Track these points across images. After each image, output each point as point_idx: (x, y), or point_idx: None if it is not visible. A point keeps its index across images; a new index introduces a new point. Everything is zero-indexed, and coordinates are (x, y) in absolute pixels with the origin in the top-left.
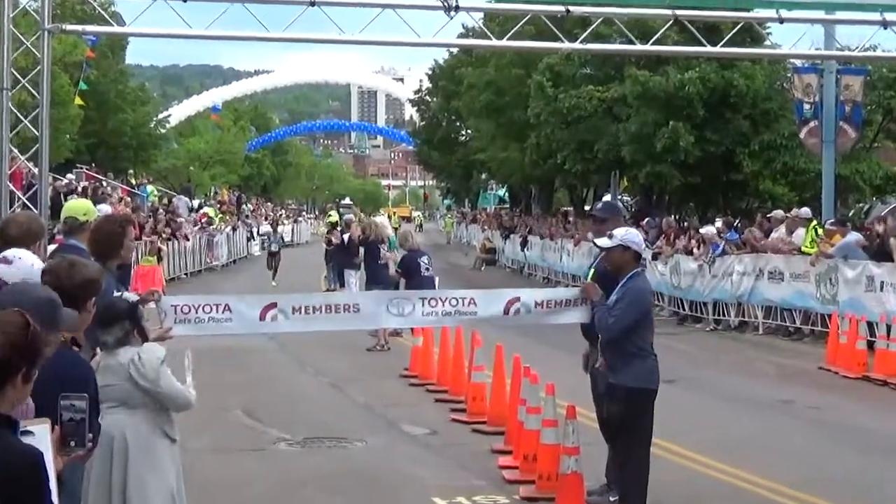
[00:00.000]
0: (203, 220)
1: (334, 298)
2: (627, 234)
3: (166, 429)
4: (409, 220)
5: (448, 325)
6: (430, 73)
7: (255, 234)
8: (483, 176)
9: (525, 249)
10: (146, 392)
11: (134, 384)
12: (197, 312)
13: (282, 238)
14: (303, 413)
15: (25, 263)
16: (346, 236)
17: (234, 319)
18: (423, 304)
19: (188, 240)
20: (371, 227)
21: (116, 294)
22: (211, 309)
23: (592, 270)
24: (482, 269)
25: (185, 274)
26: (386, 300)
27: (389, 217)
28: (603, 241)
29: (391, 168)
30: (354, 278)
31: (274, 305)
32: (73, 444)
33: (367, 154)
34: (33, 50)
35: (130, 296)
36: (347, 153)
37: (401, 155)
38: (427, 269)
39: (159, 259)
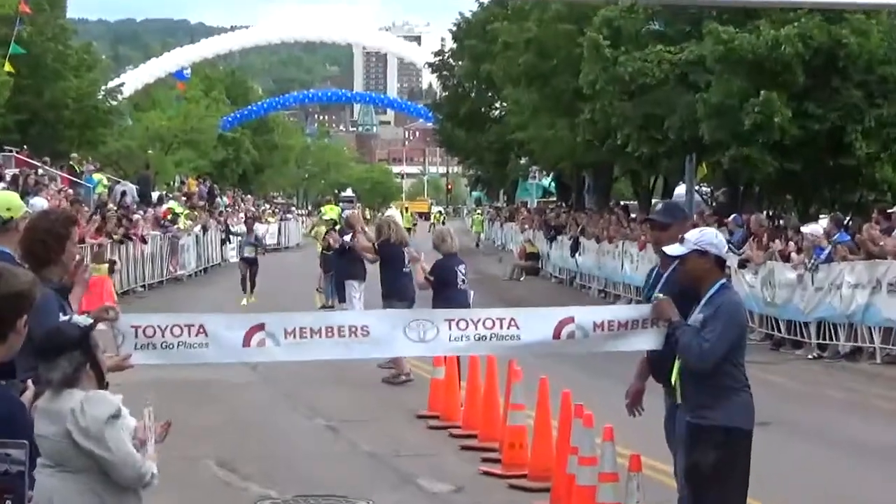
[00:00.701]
0: (165, 218)
1: (338, 319)
2: (703, 236)
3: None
4: (427, 217)
5: (481, 354)
6: (453, 29)
7: (231, 236)
8: (522, 161)
9: (576, 255)
10: (89, 455)
11: (73, 442)
12: (164, 335)
13: (258, 240)
14: (292, 464)
15: None
16: (347, 238)
17: (210, 345)
18: (449, 327)
19: (146, 242)
20: (389, 227)
21: (64, 317)
22: (181, 331)
23: (652, 285)
24: (521, 279)
25: (142, 286)
26: (403, 321)
27: (402, 213)
28: (673, 248)
29: (405, 151)
30: (358, 291)
31: (261, 327)
32: (8, 502)
33: (373, 133)
34: None
35: (81, 319)
36: (349, 132)
37: (417, 134)
38: (463, 282)
39: (111, 269)
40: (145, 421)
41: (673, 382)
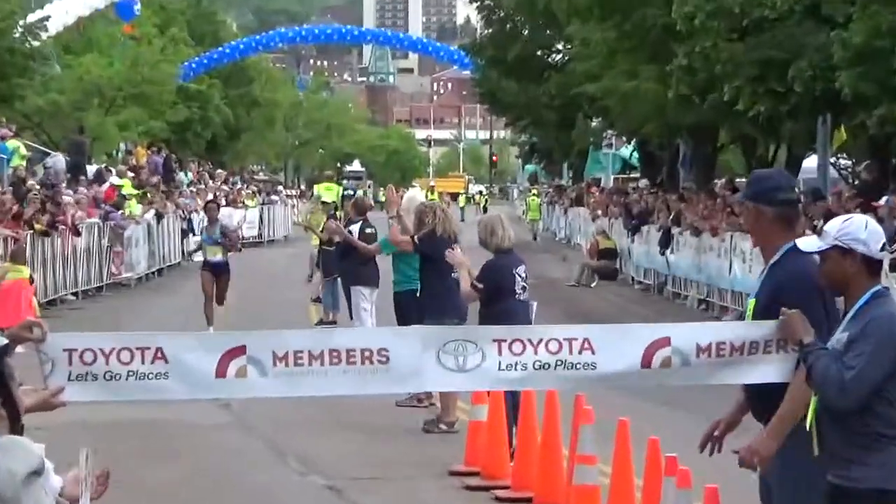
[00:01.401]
0: (108, 202)
1: (345, 339)
2: (848, 228)
3: None
4: (463, 199)
5: (541, 388)
6: None
7: (195, 225)
8: (594, 123)
9: (668, 252)
10: None
11: None
12: (108, 363)
13: (226, 235)
14: None
15: None
16: (355, 227)
17: (171, 375)
18: (499, 351)
19: (79, 234)
20: (434, 214)
21: None
22: (132, 356)
23: (753, 300)
24: (592, 285)
25: (74, 294)
26: (437, 342)
27: (428, 195)
28: (807, 241)
29: (432, 109)
30: (369, 301)
31: (241, 351)
32: None
33: (390, 85)
34: None
35: None
36: (356, 84)
37: (450, 86)
38: (524, 289)
39: (31, 278)
40: (81, 469)
41: (808, 426)
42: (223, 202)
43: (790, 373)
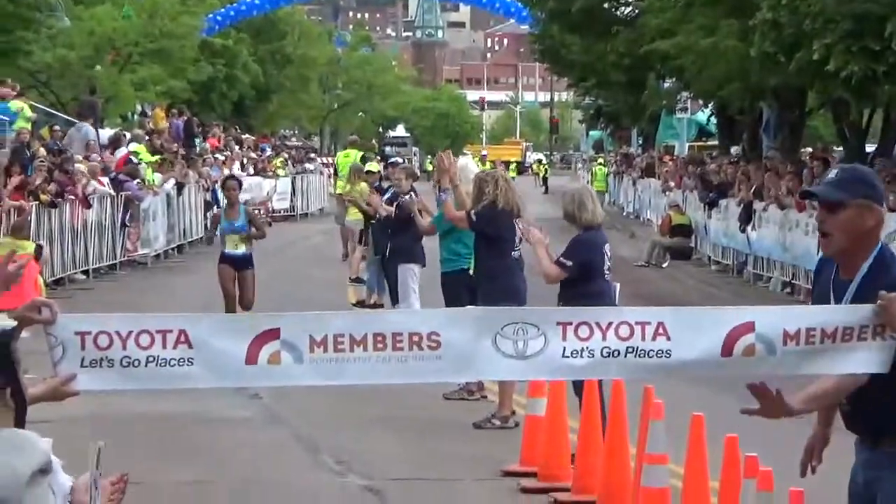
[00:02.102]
0: (121, 170)
1: (391, 321)
2: None
3: None
4: (520, 167)
5: (610, 377)
6: None
7: (218, 198)
8: (667, 85)
9: (749, 228)
10: None
11: None
12: (125, 347)
13: (251, 219)
14: None
15: None
16: (408, 198)
17: (196, 361)
18: (564, 335)
19: (89, 206)
20: (496, 184)
21: None
22: (152, 341)
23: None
24: (664, 265)
25: (84, 272)
26: (494, 325)
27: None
28: None
29: (486, 69)
30: (415, 280)
31: (275, 335)
32: None
33: (439, 41)
34: None
35: (1, 319)
36: (401, 39)
37: (506, 43)
38: (609, 270)
39: (37, 251)
40: (90, 471)
41: None
42: (251, 171)
43: (887, 363)
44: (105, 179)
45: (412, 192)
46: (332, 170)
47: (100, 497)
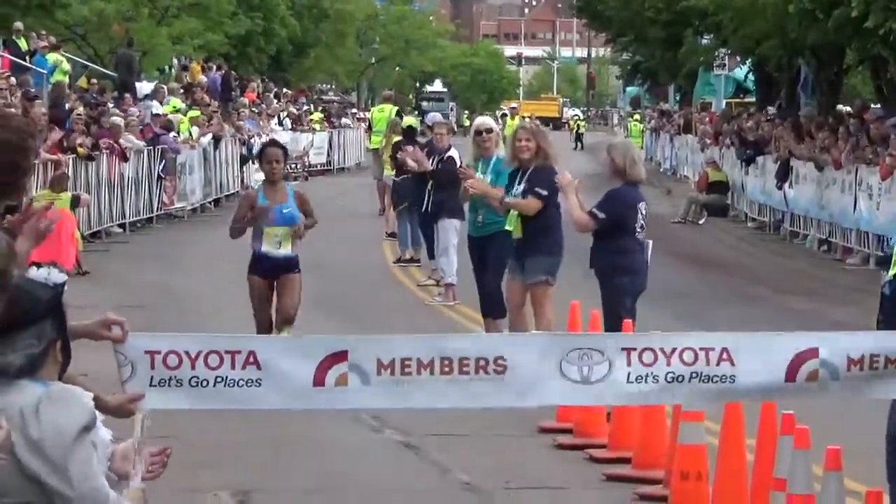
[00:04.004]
0: (158, 123)
1: (458, 346)
2: None
3: None
4: (556, 123)
5: (675, 403)
6: None
7: (254, 152)
8: (705, 41)
9: (786, 186)
10: (34, 480)
11: (14, 459)
12: (194, 367)
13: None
14: (347, 500)
15: None
16: (452, 155)
17: (264, 381)
18: (629, 361)
19: (126, 160)
20: (542, 138)
21: (33, 272)
22: (221, 361)
23: None
24: (701, 222)
25: (121, 226)
26: (560, 350)
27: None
28: None
29: (523, 24)
30: (456, 236)
31: (342, 357)
32: None
33: None
34: None
35: (52, 273)
36: None
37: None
38: (642, 227)
39: (74, 203)
40: (134, 441)
41: None
42: (289, 125)
43: None
44: (141, 134)
45: (451, 148)
46: (366, 124)
47: (141, 466)
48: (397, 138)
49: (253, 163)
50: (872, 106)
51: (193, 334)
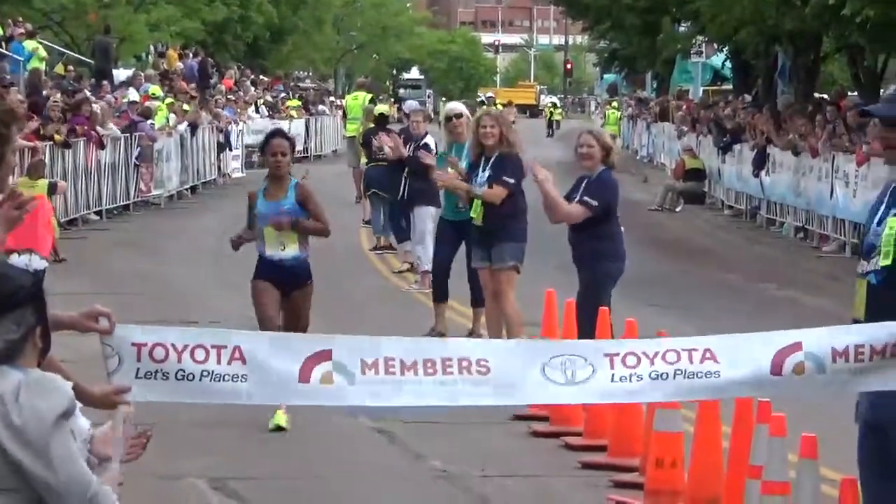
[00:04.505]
0: (135, 110)
1: (441, 349)
2: None
3: None
4: (533, 111)
5: (661, 400)
6: None
7: (231, 139)
8: (682, 28)
9: (762, 174)
10: (16, 469)
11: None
12: (180, 360)
13: (302, 208)
14: (325, 485)
15: None
16: (428, 142)
17: (250, 377)
18: (612, 365)
19: (103, 147)
20: (506, 126)
21: (14, 259)
22: (207, 355)
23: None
24: (678, 209)
25: (97, 213)
26: (542, 356)
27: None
28: None
29: (500, 11)
30: (433, 222)
31: (327, 356)
32: None
33: None
34: None
35: (32, 259)
36: None
37: None
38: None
39: (51, 189)
40: (117, 427)
41: None
42: (266, 112)
43: None
44: (117, 121)
45: (427, 135)
46: (342, 112)
47: (122, 449)
48: (371, 125)
49: (230, 150)
50: (850, 93)
51: (180, 328)
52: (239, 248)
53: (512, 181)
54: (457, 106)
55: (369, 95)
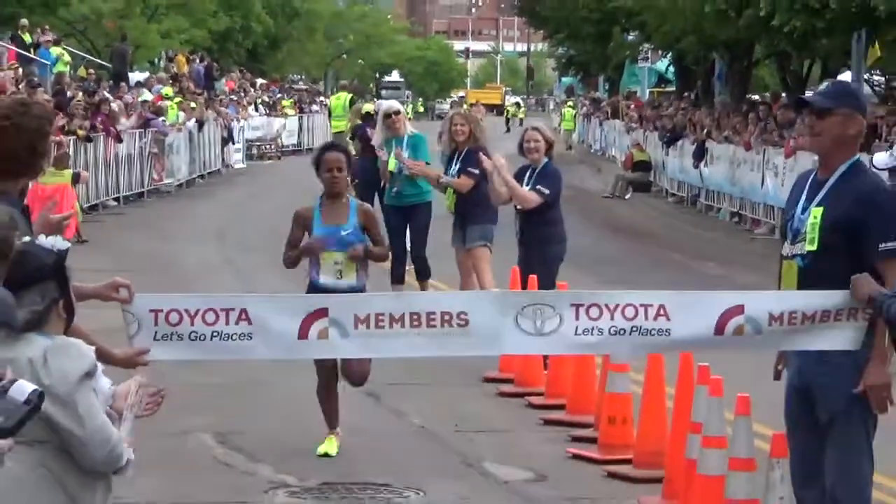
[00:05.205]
0: (148, 108)
1: (427, 302)
2: None
3: (73, 491)
4: (499, 109)
5: (616, 353)
6: None
7: (234, 134)
8: (631, 37)
9: (702, 165)
10: (47, 423)
11: None
12: (193, 323)
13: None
14: (316, 441)
15: None
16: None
17: (255, 336)
18: (577, 315)
19: (121, 141)
20: (474, 124)
21: (41, 239)
22: (217, 318)
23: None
24: (627, 196)
25: (115, 199)
26: (516, 305)
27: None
28: (881, 157)
29: (470, 22)
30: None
31: (324, 314)
32: None
33: None
34: None
35: (57, 241)
36: None
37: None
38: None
39: (75, 179)
40: (131, 388)
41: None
42: (264, 111)
43: (859, 341)
44: (133, 118)
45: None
46: (327, 111)
47: (137, 407)
48: (358, 122)
49: (232, 142)
50: (779, 94)
51: (192, 294)
52: (297, 265)
53: (477, 172)
54: (394, 104)
55: (350, 95)
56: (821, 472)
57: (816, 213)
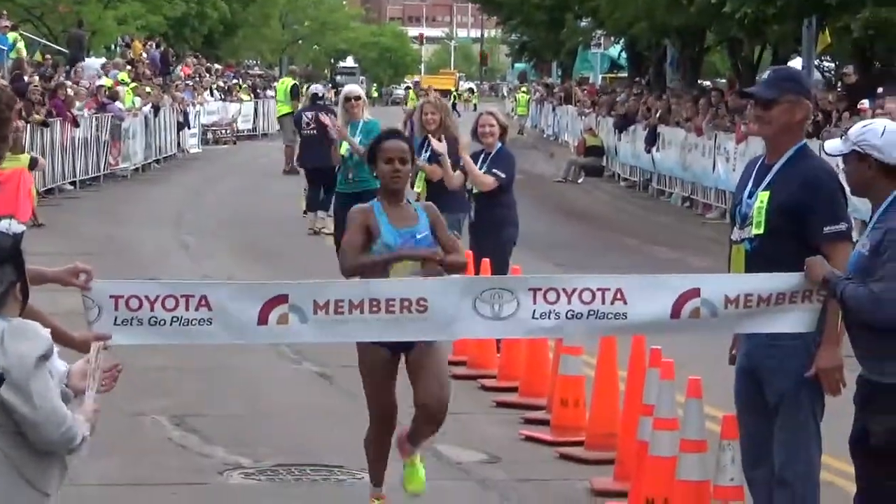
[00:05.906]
0: (103, 94)
1: (385, 289)
2: (865, 133)
3: (29, 474)
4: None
5: (573, 336)
6: None
7: (190, 119)
8: (583, 23)
9: (653, 150)
10: (0, 405)
11: None
12: (153, 309)
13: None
14: (271, 423)
15: None
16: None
17: (215, 321)
18: (534, 300)
19: (77, 126)
20: (445, 112)
21: None
22: (176, 304)
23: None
24: (579, 181)
25: (72, 183)
26: (474, 290)
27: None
28: (832, 144)
29: (424, 8)
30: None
31: (283, 300)
32: None
33: None
34: None
35: (13, 224)
36: None
37: None
38: None
39: (32, 164)
40: (91, 362)
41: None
42: (219, 96)
43: (813, 322)
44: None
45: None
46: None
47: (95, 383)
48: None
49: (189, 128)
50: (730, 80)
51: (153, 281)
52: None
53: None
54: (355, 89)
55: (293, 82)
56: (770, 454)
57: (763, 197)
